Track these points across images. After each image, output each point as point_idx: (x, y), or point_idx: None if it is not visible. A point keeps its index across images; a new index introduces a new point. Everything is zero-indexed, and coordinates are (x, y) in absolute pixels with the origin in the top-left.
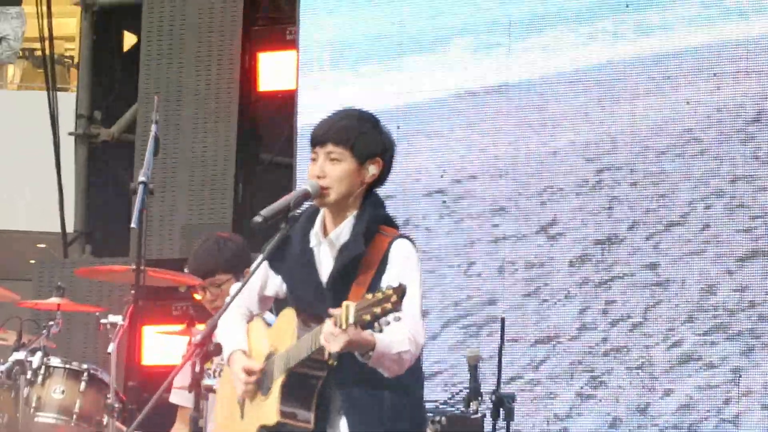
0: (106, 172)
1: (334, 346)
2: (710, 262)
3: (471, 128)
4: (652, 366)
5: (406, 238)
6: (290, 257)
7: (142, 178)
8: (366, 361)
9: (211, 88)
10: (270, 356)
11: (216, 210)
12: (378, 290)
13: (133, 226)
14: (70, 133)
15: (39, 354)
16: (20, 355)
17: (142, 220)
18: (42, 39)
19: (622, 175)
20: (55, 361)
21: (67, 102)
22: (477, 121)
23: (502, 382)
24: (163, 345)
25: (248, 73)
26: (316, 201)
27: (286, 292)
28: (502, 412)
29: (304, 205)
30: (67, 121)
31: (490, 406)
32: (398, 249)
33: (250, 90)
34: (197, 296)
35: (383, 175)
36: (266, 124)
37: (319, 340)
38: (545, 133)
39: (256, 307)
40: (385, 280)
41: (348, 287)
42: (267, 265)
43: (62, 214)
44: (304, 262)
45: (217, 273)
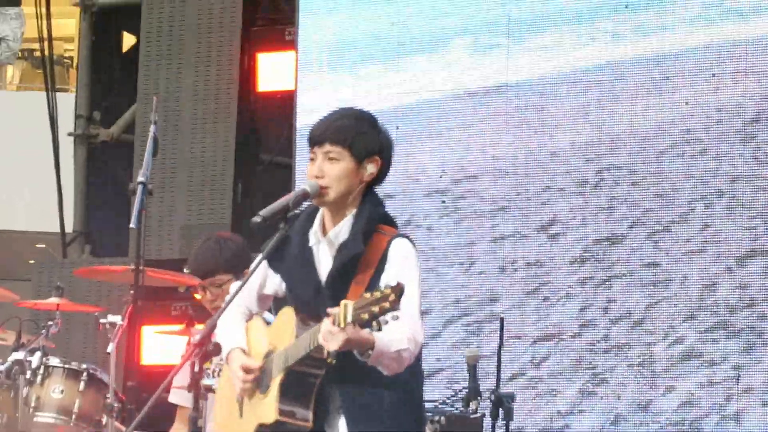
0: (105, 172)
1: (333, 344)
2: (710, 260)
3: (471, 128)
4: (654, 363)
5: (405, 237)
6: (289, 256)
7: (141, 179)
8: (365, 359)
9: (210, 89)
10: (269, 355)
11: (215, 210)
12: (376, 289)
13: (132, 226)
14: (70, 134)
15: (38, 354)
16: (19, 355)
17: (141, 220)
18: (41, 40)
19: (622, 175)
20: (54, 361)
21: (67, 102)
22: (477, 122)
23: (504, 379)
24: (162, 345)
25: (247, 74)
26: (315, 201)
27: (285, 291)
28: (501, 412)
29: (304, 205)
30: (67, 121)
31: (490, 406)
32: (397, 248)
33: (250, 90)
34: (197, 296)
35: (382, 174)
36: (265, 124)
37: (318, 339)
38: (545, 133)
39: (256, 306)
40: (384, 279)
41: (347, 286)
42: (266, 264)
43: (61, 215)
44: (303, 261)
45: (217, 273)
